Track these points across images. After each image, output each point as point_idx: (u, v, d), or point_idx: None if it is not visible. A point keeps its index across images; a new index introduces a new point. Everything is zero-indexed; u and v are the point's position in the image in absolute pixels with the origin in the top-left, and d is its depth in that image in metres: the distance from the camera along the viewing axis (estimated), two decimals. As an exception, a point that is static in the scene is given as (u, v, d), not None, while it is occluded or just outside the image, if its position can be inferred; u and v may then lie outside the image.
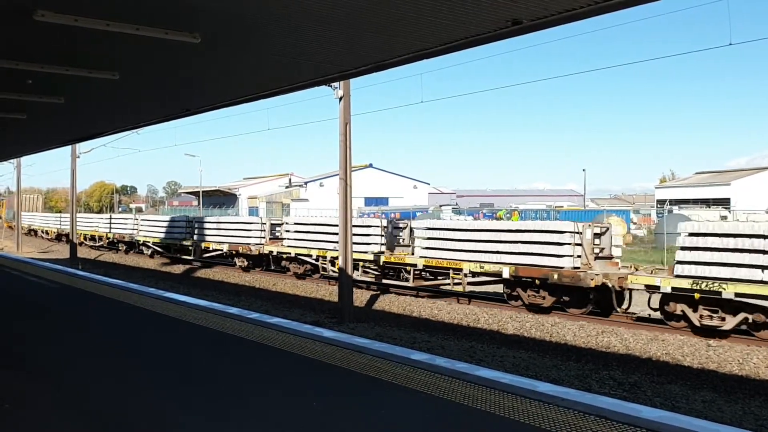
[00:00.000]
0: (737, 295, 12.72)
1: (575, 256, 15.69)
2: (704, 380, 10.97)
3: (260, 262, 26.16)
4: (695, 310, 13.63)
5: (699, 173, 63.23)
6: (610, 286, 14.92)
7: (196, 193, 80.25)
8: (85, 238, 41.77)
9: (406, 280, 19.74)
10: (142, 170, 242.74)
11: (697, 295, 13.35)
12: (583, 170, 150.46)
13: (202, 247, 28.96)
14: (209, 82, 9.10)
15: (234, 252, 26.72)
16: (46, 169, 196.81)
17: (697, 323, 13.59)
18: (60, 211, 73.81)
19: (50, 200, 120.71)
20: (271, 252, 24.87)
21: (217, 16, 5.71)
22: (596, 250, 16.28)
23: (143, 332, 9.84)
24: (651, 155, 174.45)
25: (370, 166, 75.98)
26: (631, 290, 15.31)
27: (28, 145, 19.77)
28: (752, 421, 8.66)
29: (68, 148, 31.73)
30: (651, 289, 14.33)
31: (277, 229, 26.19)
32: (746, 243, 12.85)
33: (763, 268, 12.55)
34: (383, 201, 71.27)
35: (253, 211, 68.05)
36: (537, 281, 16.16)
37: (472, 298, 18.59)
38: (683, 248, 13.98)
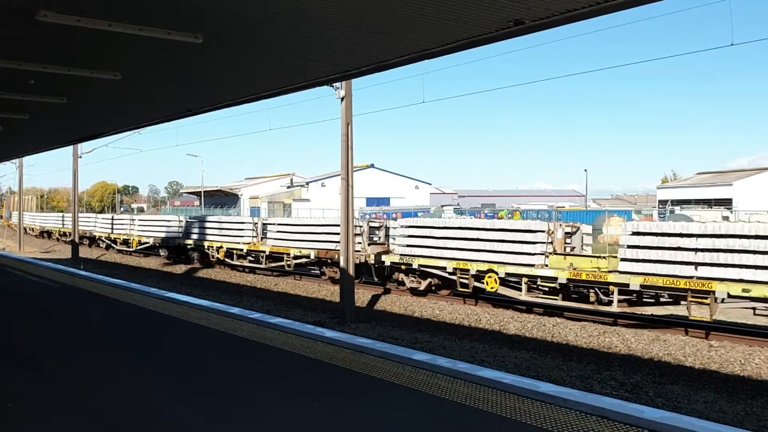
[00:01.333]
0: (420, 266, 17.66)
1: (356, 243, 18.16)
2: (706, 381, 10.96)
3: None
4: (407, 275, 18.04)
5: (701, 173, 63.14)
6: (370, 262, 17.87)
7: (197, 193, 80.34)
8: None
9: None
10: (144, 170, 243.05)
11: (403, 266, 18.00)
12: (585, 170, 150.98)
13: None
14: (211, 83, 9.11)
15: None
16: (47, 169, 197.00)
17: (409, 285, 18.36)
18: (62, 211, 73.95)
19: (52, 200, 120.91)
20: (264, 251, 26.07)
21: (220, 16, 5.72)
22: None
23: (145, 332, 9.85)
24: (653, 155, 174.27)
25: (372, 166, 75.98)
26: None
27: (30, 145, 19.80)
28: (754, 421, 8.65)
29: (70, 148, 31.79)
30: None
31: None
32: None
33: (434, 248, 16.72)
34: (385, 201, 71.29)
35: (254, 211, 68.07)
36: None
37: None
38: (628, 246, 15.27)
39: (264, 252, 24.95)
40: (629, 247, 14.62)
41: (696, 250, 13.44)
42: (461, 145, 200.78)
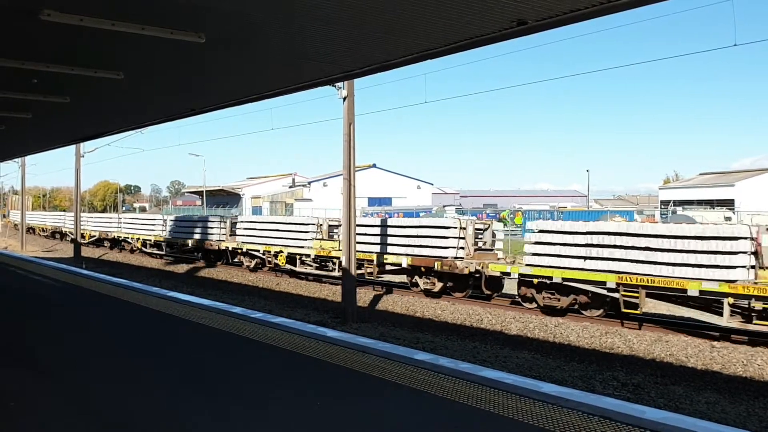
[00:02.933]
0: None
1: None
2: (708, 381, 10.95)
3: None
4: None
5: (703, 174, 63.01)
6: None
7: (199, 193, 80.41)
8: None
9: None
10: (146, 170, 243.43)
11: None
12: (587, 171, 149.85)
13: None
14: (214, 82, 9.11)
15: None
16: (49, 168, 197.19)
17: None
18: (65, 210, 74.16)
19: (54, 199, 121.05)
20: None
21: (223, 16, 5.72)
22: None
23: (148, 332, 9.86)
24: (655, 156, 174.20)
25: (374, 166, 75.98)
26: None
27: (33, 144, 19.82)
28: (756, 422, 8.65)
29: (72, 147, 31.86)
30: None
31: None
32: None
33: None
34: (386, 201, 71.30)
35: (256, 210, 68.12)
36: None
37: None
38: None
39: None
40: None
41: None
42: (463, 145, 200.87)
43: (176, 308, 11.32)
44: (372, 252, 20.50)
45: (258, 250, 25.96)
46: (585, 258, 15.34)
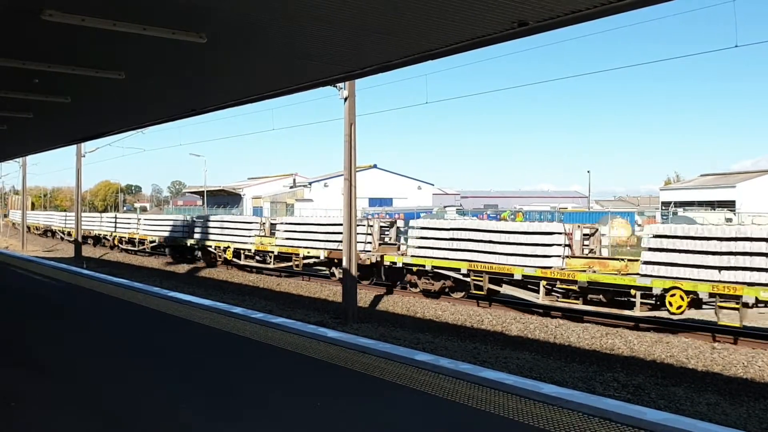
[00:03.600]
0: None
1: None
2: (709, 383, 10.94)
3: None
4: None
5: (704, 175, 63.00)
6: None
7: (200, 193, 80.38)
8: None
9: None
10: (147, 170, 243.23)
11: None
12: (588, 172, 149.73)
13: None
14: (215, 82, 9.12)
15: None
16: (50, 168, 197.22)
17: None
18: (65, 210, 74.33)
19: (55, 199, 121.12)
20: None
21: (223, 16, 5.73)
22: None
23: (148, 332, 9.86)
24: (656, 157, 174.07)
25: (375, 166, 75.98)
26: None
27: (34, 144, 19.85)
28: (756, 424, 8.63)
29: (73, 147, 31.83)
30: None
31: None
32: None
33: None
34: (387, 201, 71.28)
35: (257, 211, 68.09)
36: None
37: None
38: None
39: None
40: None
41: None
42: (464, 146, 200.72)
43: (177, 308, 11.32)
44: (299, 247, 23.68)
45: (211, 246, 28.35)
46: (449, 249, 18.58)
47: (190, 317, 10.44)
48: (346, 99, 15.97)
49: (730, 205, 49.23)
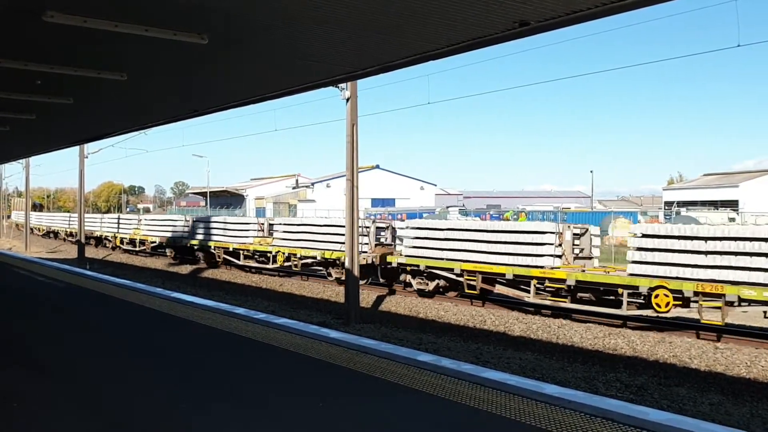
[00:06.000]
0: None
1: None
2: (711, 383, 10.92)
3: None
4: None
5: (707, 175, 62.84)
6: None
7: (203, 194, 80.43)
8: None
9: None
10: (150, 171, 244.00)
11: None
12: (591, 172, 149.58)
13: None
14: (217, 83, 9.12)
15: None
16: (53, 169, 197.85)
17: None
18: (69, 211, 74.47)
19: (58, 200, 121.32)
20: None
21: (225, 17, 5.73)
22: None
23: (151, 333, 9.87)
24: (659, 157, 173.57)
25: (377, 167, 75.96)
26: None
27: (37, 145, 19.87)
28: (760, 424, 8.61)
29: (76, 148, 31.88)
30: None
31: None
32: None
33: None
34: (390, 202, 71.27)
35: (260, 211, 68.10)
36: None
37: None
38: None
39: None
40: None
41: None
42: (466, 146, 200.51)
43: (179, 309, 11.33)
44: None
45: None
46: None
47: (192, 318, 10.44)
48: (348, 99, 15.97)
49: (733, 204, 49.09)
